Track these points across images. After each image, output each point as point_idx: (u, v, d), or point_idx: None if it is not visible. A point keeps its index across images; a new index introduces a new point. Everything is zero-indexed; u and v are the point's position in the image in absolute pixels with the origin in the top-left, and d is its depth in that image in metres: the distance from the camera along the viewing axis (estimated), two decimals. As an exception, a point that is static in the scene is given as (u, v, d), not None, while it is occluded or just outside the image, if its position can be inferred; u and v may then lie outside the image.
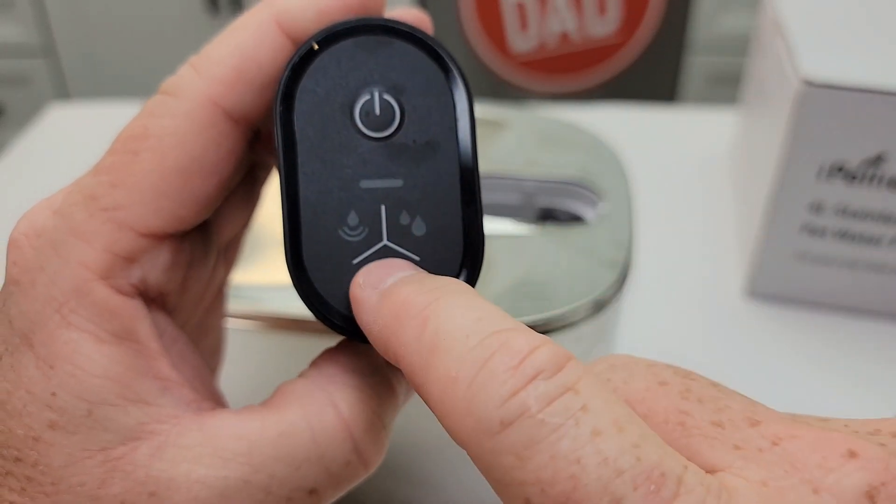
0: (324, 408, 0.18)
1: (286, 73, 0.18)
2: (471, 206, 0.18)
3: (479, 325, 0.15)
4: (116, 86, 1.37)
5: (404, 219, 0.18)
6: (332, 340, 0.20)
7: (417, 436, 0.32)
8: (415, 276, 0.17)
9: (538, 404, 0.13)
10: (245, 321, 0.29)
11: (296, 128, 0.18)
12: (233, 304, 0.29)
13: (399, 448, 0.33)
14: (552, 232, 0.33)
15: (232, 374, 0.28)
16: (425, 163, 0.18)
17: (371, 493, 0.35)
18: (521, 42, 1.31)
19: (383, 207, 0.18)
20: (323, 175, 0.18)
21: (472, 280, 0.18)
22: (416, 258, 0.18)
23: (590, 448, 0.13)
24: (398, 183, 0.18)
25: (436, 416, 0.15)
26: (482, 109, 0.42)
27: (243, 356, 0.30)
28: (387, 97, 0.18)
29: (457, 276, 0.18)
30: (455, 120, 0.18)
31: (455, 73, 0.18)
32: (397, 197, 0.18)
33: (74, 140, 0.65)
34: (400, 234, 0.18)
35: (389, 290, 0.16)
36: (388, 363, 0.19)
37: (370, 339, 0.17)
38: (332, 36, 0.18)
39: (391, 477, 0.34)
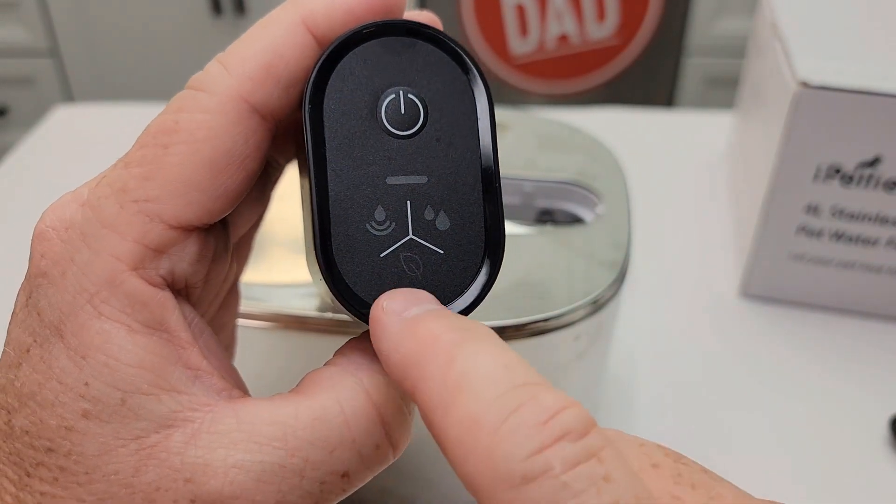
0: (355, 393, 0.18)
1: (315, 72, 0.18)
2: (492, 202, 0.19)
3: (506, 373, 0.15)
4: (120, 87, 1.37)
5: (429, 214, 0.19)
6: (337, 339, 0.20)
7: (417, 433, 0.32)
8: (442, 311, 0.17)
9: (562, 466, 0.13)
10: (251, 320, 0.29)
11: (325, 126, 0.18)
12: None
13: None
14: (551, 233, 0.33)
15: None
16: (448, 160, 0.19)
17: (371, 489, 0.35)
18: (521, 45, 1.31)
19: (409, 203, 0.18)
20: (351, 172, 0.18)
21: (493, 272, 0.19)
22: (440, 251, 0.19)
23: None
24: (423, 179, 0.19)
25: (447, 456, 0.15)
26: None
27: (247, 354, 0.30)
28: (411, 97, 0.19)
29: (479, 268, 0.19)
30: (476, 119, 0.19)
31: (476, 73, 0.19)
32: (422, 193, 0.19)
33: (79, 141, 0.65)
34: (425, 229, 0.19)
35: (415, 321, 0.17)
36: None
37: (387, 366, 0.17)
38: (359, 37, 0.18)
39: (390, 474, 0.34)
